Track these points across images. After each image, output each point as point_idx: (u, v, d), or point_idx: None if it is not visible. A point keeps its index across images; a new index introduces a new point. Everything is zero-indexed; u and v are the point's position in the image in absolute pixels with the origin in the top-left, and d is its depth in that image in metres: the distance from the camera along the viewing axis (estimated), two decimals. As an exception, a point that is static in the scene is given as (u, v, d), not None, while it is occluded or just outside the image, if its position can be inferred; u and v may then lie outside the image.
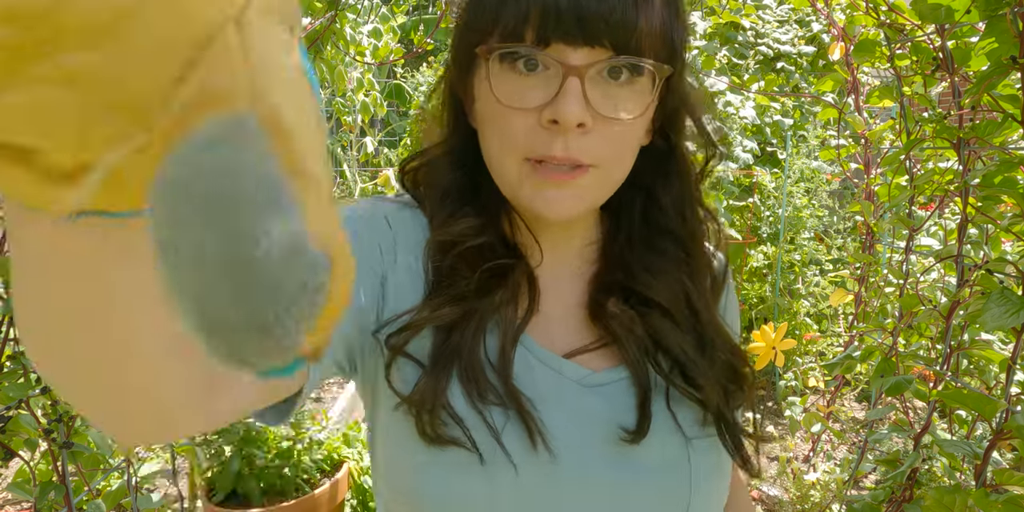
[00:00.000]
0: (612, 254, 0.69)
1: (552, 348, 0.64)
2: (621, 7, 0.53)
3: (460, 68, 0.63)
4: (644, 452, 0.61)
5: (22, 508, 1.81)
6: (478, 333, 0.60)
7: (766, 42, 4.12)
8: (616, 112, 0.57)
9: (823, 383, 2.60)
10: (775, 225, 3.50)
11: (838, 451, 2.55)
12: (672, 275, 0.67)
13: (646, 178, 0.67)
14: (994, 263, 1.15)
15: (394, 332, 0.59)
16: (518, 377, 0.60)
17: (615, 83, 0.56)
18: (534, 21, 0.54)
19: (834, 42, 1.96)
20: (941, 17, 1.13)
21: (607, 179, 0.61)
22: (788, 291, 3.35)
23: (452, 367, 0.59)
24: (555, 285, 0.67)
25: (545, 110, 0.55)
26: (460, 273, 0.61)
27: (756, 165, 3.68)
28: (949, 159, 1.49)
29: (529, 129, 0.56)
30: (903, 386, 1.31)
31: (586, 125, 0.55)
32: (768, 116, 3.88)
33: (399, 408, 0.59)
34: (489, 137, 0.60)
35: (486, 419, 0.57)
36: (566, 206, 0.59)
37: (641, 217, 0.69)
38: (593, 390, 0.62)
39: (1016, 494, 1.02)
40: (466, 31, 0.60)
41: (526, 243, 0.67)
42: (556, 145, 0.56)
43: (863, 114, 1.98)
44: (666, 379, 0.64)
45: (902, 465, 1.39)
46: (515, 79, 0.56)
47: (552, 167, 0.57)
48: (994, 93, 1.14)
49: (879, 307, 1.91)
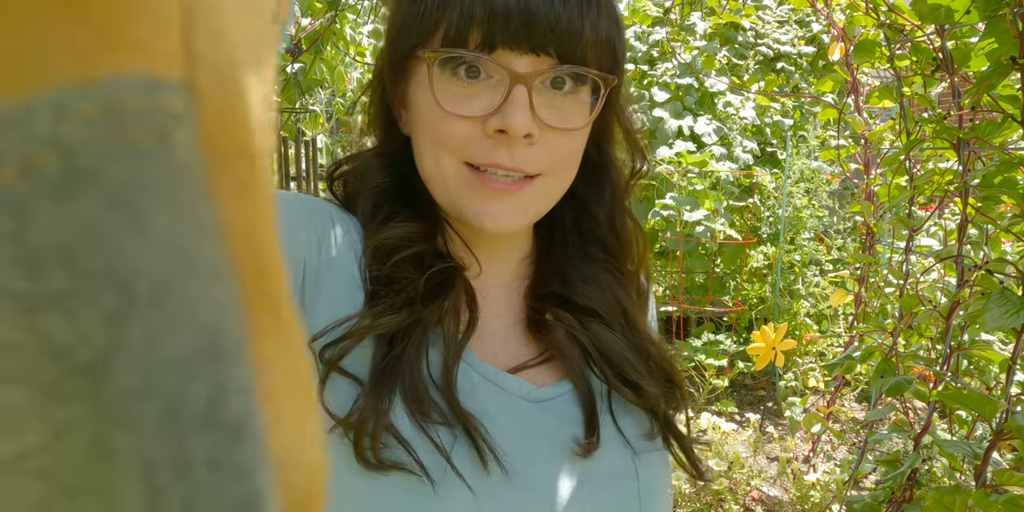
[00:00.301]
0: (547, 266, 0.68)
1: (495, 363, 0.61)
2: (567, 15, 0.52)
3: (393, 73, 0.60)
4: (596, 465, 0.59)
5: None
6: (421, 347, 0.56)
7: (766, 42, 4.12)
8: (562, 122, 0.56)
9: (823, 383, 2.60)
10: (775, 225, 3.50)
11: (838, 451, 2.55)
12: (607, 285, 0.67)
13: (579, 189, 0.66)
14: (994, 263, 1.15)
15: (329, 343, 0.54)
16: (462, 394, 0.56)
17: (559, 93, 0.56)
18: (480, 25, 0.52)
19: (834, 42, 1.96)
20: (941, 17, 1.13)
21: (552, 190, 0.60)
22: (788, 291, 3.35)
23: (395, 385, 0.54)
24: (493, 299, 0.66)
25: (491, 119, 0.54)
26: (401, 280, 0.57)
27: (756, 165, 3.69)
28: (949, 159, 1.49)
29: (471, 137, 0.55)
30: (903, 386, 1.31)
31: (533, 136, 0.54)
32: (768, 116, 3.88)
33: (332, 431, 0.54)
34: (425, 144, 0.58)
35: (434, 440, 0.53)
36: (509, 220, 0.58)
37: (575, 228, 0.69)
38: (539, 405, 0.60)
39: (1016, 494, 1.02)
40: (402, 34, 0.57)
41: (462, 256, 0.64)
42: (501, 154, 0.55)
43: (863, 114, 1.98)
44: (610, 385, 0.62)
45: (902, 465, 1.39)
46: (457, 85, 0.54)
47: (497, 177, 0.56)
48: (994, 93, 1.14)
49: (879, 307, 1.92)
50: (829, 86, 1.94)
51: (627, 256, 0.70)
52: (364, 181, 0.63)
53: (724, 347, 3.25)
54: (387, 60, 0.60)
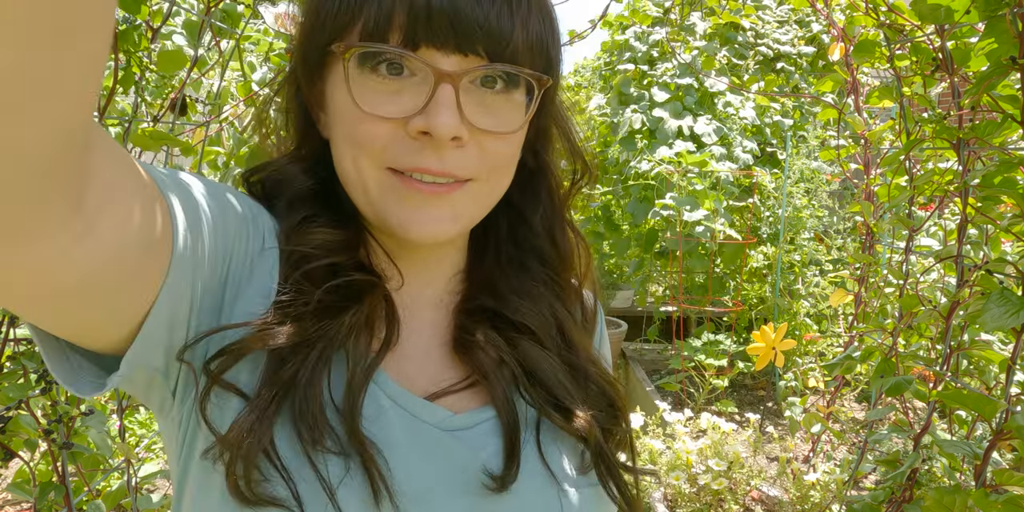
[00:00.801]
0: (478, 279, 0.63)
1: (411, 387, 0.55)
2: (496, 13, 0.49)
3: (309, 71, 0.55)
4: (512, 503, 0.53)
5: (22, 508, 1.81)
6: (320, 364, 0.50)
7: (766, 42, 4.12)
8: (495, 125, 0.52)
9: (823, 383, 2.59)
10: (775, 225, 3.50)
11: (838, 451, 2.55)
12: (543, 299, 0.63)
13: (514, 197, 0.62)
14: (994, 263, 1.15)
15: (214, 355, 0.48)
16: (366, 420, 0.50)
17: (490, 92, 0.52)
18: (400, 22, 0.49)
19: (834, 42, 1.96)
20: (941, 17, 1.13)
21: (485, 196, 0.56)
22: (788, 291, 3.35)
23: (283, 402, 0.48)
24: (417, 315, 0.60)
25: (414, 120, 0.49)
26: (305, 289, 0.51)
27: (756, 165, 3.69)
28: (949, 159, 1.49)
29: (393, 139, 0.51)
30: (903, 386, 1.31)
31: (462, 138, 0.50)
32: (768, 116, 3.88)
33: (208, 454, 0.48)
34: (343, 147, 0.53)
35: (319, 471, 0.47)
36: (438, 227, 0.53)
37: (509, 238, 0.65)
38: (453, 434, 0.54)
39: (1016, 494, 1.02)
40: (317, 30, 0.53)
41: (384, 269, 0.59)
42: (427, 158, 0.50)
43: (863, 114, 1.98)
44: (539, 410, 0.57)
45: (902, 465, 1.39)
46: (377, 83, 0.50)
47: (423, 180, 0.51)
48: (994, 93, 1.14)
49: (879, 307, 1.92)
50: (829, 86, 1.94)
51: (567, 268, 0.66)
52: (282, 186, 0.58)
53: (724, 347, 3.26)
54: (301, 57, 0.56)
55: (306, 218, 0.55)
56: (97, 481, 1.26)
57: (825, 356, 2.94)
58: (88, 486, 1.21)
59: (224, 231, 0.48)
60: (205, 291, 0.48)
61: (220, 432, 0.47)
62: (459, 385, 0.57)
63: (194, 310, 0.47)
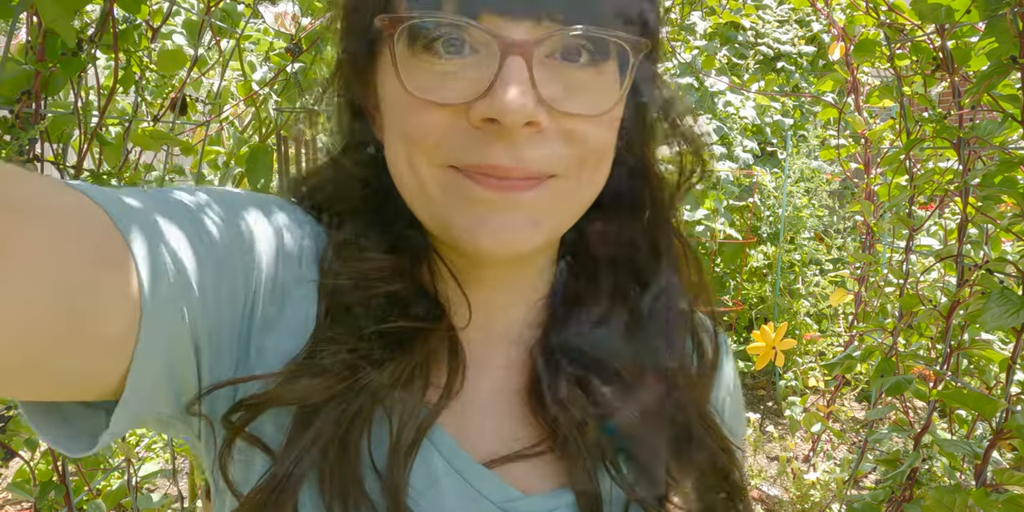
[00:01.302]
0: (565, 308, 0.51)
1: (472, 449, 0.45)
2: None
3: (355, 62, 0.46)
4: None
5: (22, 508, 1.81)
6: (359, 420, 0.41)
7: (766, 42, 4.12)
8: (580, 105, 0.40)
9: (823, 383, 2.60)
10: (775, 225, 3.50)
11: (838, 451, 2.55)
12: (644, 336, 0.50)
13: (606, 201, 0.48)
14: (994, 263, 1.15)
15: (233, 407, 0.41)
16: (414, 491, 0.42)
17: (574, 67, 0.40)
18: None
19: (834, 42, 1.96)
20: (941, 17, 1.13)
21: (573, 197, 0.43)
22: (788, 291, 3.35)
23: (311, 466, 0.40)
24: (486, 354, 0.49)
25: (477, 104, 0.38)
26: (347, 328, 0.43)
27: (756, 165, 3.69)
28: (949, 159, 1.49)
29: (452, 130, 0.40)
30: (903, 386, 1.31)
31: (539, 123, 0.39)
32: (768, 116, 3.88)
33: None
34: (396, 145, 0.43)
35: None
36: (516, 236, 0.41)
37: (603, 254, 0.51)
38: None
39: (1016, 494, 1.02)
40: (358, 13, 0.44)
41: (451, 295, 0.48)
42: (497, 152, 0.39)
43: (863, 114, 1.98)
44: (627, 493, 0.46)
45: (902, 465, 1.39)
46: (432, 64, 0.39)
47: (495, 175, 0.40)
48: (994, 93, 1.14)
49: (879, 307, 1.91)
50: (829, 85, 1.94)
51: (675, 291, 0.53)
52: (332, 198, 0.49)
53: (724, 347, 3.25)
54: (345, 47, 0.47)
55: (356, 236, 0.46)
56: (97, 480, 1.26)
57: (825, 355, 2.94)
58: (88, 485, 1.21)
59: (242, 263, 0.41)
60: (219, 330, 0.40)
61: (242, 494, 0.40)
62: (529, 450, 0.46)
63: (204, 351, 0.40)
